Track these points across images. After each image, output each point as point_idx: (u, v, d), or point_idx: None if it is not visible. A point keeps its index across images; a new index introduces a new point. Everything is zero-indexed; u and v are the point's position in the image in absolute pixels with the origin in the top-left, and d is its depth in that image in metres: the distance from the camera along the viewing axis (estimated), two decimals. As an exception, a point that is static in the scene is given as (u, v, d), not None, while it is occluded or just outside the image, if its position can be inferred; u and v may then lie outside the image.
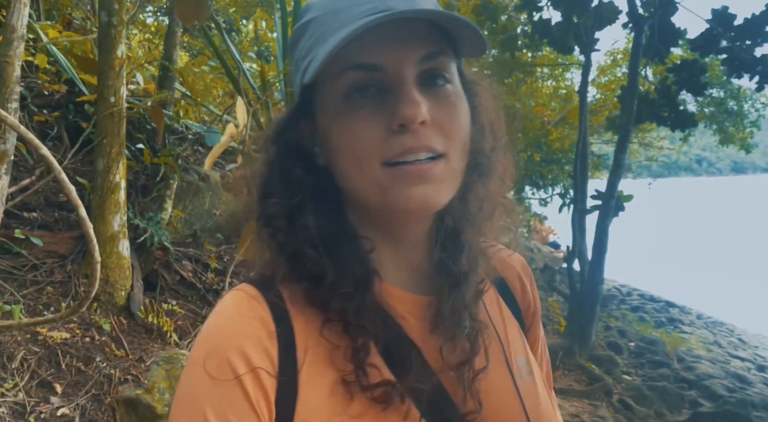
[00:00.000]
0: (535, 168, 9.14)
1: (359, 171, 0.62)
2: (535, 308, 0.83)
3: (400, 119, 0.59)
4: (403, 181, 0.60)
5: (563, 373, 5.35)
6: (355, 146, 0.61)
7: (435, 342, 0.68)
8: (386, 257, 0.69)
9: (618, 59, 12.31)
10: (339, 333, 0.63)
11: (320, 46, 0.61)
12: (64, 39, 3.76)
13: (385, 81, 0.61)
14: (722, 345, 9.03)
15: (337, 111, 0.62)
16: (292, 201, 0.67)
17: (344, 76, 0.61)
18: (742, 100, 12.42)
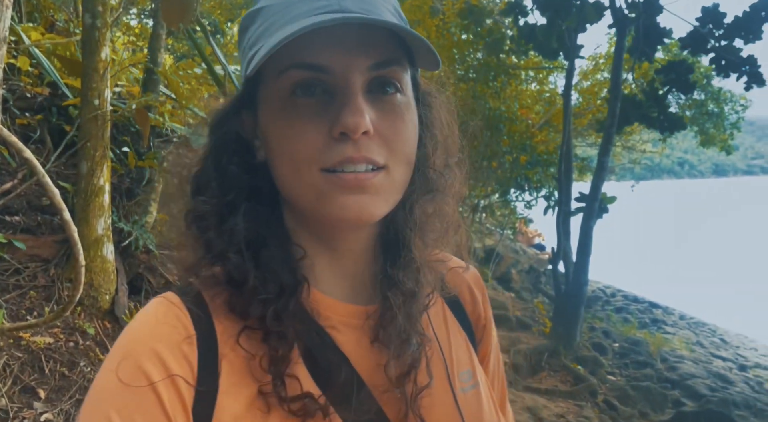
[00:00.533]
0: (521, 170, 9.19)
1: (296, 174, 0.59)
2: (486, 321, 0.80)
3: (342, 126, 0.57)
4: (339, 189, 0.58)
5: (548, 374, 5.39)
6: (295, 148, 0.59)
7: (373, 355, 0.65)
8: (322, 266, 0.67)
9: (600, 64, 12.44)
10: (258, 341, 0.60)
11: (267, 39, 0.58)
12: (47, 41, 3.72)
13: (332, 84, 0.59)
14: (704, 345, 9.14)
15: (278, 109, 0.60)
16: (225, 199, 0.64)
17: (289, 74, 0.58)
18: (723, 102, 12.61)
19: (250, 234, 0.63)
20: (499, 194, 10.61)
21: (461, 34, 8.90)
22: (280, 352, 0.59)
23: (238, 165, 0.65)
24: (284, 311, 0.60)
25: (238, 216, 0.63)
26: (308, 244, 0.66)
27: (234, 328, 0.61)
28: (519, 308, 7.28)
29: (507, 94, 9.77)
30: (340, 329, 0.65)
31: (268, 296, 0.60)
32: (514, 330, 6.08)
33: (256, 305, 0.60)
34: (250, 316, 0.60)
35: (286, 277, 0.62)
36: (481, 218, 11.71)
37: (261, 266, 0.61)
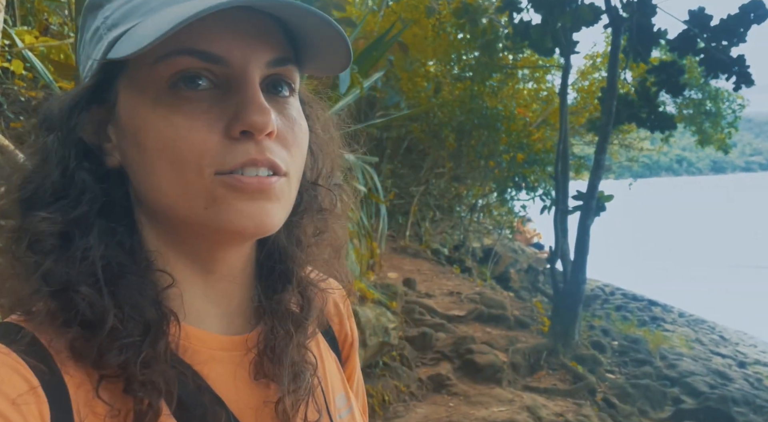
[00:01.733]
0: (518, 169, 9.21)
1: (182, 178, 0.50)
2: (352, 339, 0.75)
3: (247, 125, 0.49)
4: (239, 193, 0.50)
5: (547, 373, 5.39)
6: (180, 150, 0.49)
7: (254, 391, 0.58)
8: (192, 293, 0.57)
9: (597, 63, 12.46)
10: (117, 393, 0.49)
11: (141, 18, 0.50)
12: (41, 44, 3.72)
13: (226, 77, 0.51)
14: (704, 343, 9.15)
15: (154, 102, 0.50)
16: (71, 215, 0.51)
17: (173, 62, 0.49)
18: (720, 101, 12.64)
19: (106, 259, 0.51)
20: (497, 193, 10.63)
21: (457, 34, 8.90)
22: (147, 405, 0.49)
23: (88, 171, 0.53)
24: (153, 356, 0.50)
25: (90, 236, 0.51)
26: (176, 268, 0.56)
27: (88, 378, 0.49)
28: (517, 307, 7.28)
29: (504, 93, 9.79)
30: (214, 365, 0.56)
31: (130, 340, 0.49)
32: (512, 329, 6.07)
33: (115, 351, 0.49)
34: (108, 364, 0.49)
35: (150, 313, 0.51)
36: (479, 217, 11.72)
37: (119, 301, 0.50)
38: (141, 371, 0.49)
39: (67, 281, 0.49)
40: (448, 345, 5.12)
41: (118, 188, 0.55)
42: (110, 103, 0.54)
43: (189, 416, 0.52)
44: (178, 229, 0.55)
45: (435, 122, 8.90)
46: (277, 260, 0.62)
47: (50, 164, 0.52)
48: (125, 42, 0.49)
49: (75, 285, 0.49)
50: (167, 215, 0.54)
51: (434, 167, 9.84)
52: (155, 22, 0.48)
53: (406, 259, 8.00)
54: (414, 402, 4.23)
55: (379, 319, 4.44)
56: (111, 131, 0.54)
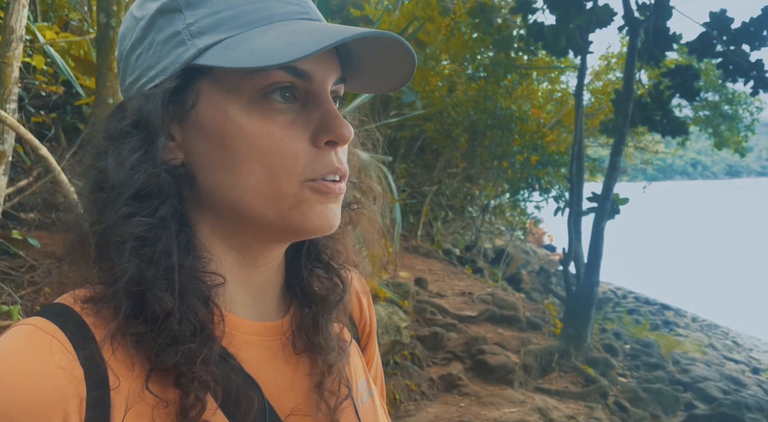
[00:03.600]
0: (531, 170, 9.16)
1: (273, 182, 0.54)
2: (371, 328, 0.79)
3: (336, 136, 0.55)
4: (322, 197, 0.56)
5: (559, 375, 5.37)
6: (276, 155, 0.54)
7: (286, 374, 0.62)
8: (233, 284, 0.60)
9: (612, 64, 12.37)
10: (167, 385, 0.52)
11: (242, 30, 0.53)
12: (62, 40, 3.76)
13: (307, 91, 0.56)
14: (717, 348, 9.08)
15: (248, 109, 0.54)
16: (157, 216, 0.53)
17: (269, 74, 0.53)
18: (737, 104, 12.51)
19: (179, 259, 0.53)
20: (510, 194, 10.59)
21: (471, 33, 8.88)
22: (194, 399, 0.52)
23: (167, 171, 0.55)
24: (203, 353, 0.53)
25: (171, 236, 0.53)
26: (223, 262, 0.59)
27: (138, 372, 0.52)
28: (529, 308, 7.25)
29: (518, 94, 9.75)
30: (248, 350, 0.60)
31: (185, 343, 0.52)
32: (524, 330, 6.05)
33: (171, 352, 0.51)
34: (163, 362, 0.52)
35: (202, 313, 0.54)
36: (491, 218, 11.69)
37: (182, 299, 0.53)
38: (191, 369, 0.52)
39: (146, 283, 0.52)
40: (459, 345, 5.11)
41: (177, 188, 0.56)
42: (184, 103, 0.55)
43: (228, 403, 0.55)
44: (242, 226, 0.58)
45: (448, 121, 8.89)
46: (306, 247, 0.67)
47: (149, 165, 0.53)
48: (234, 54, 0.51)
49: (152, 288, 0.52)
50: (237, 213, 0.57)
51: (447, 167, 9.83)
52: (274, 40, 0.51)
53: (417, 258, 7.99)
54: (425, 401, 4.23)
55: (391, 318, 4.45)
56: (176, 131, 0.56)
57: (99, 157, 0.56)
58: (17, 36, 2.44)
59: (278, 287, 0.66)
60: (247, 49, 0.51)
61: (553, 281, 11.07)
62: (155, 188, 0.53)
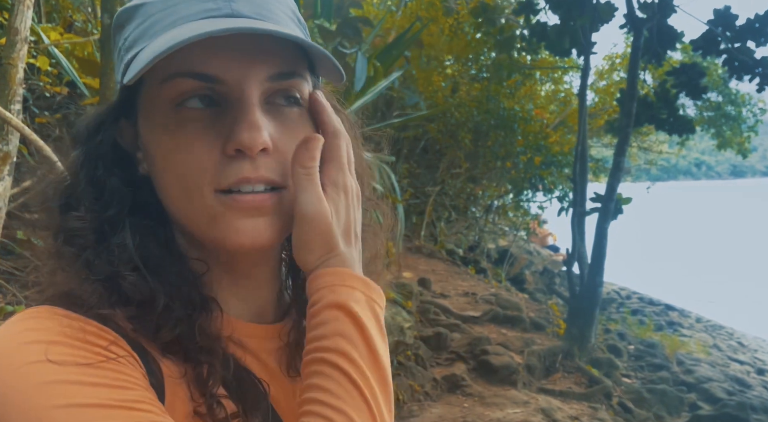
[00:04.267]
0: (535, 171, 9.15)
1: (186, 196, 0.54)
2: None
3: (238, 143, 0.52)
4: (235, 212, 0.53)
5: (563, 375, 5.36)
6: (183, 168, 0.53)
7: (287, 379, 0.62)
8: (222, 285, 0.60)
9: (616, 64, 12.35)
10: (179, 362, 0.54)
11: (149, 41, 0.53)
12: (66, 41, 3.77)
13: (224, 95, 0.54)
14: (721, 349, 9.04)
15: (161, 121, 0.54)
16: (105, 215, 0.55)
17: (175, 83, 0.52)
18: (740, 104, 12.48)
19: (143, 251, 0.55)
20: (513, 194, 10.57)
21: (475, 34, 8.88)
22: (207, 369, 0.54)
23: (118, 177, 0.57)
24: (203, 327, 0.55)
25: (123, 232, 0.55)
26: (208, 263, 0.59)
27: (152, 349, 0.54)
28: (533, 309, 7.24)
29: (521, 94, 9.74)
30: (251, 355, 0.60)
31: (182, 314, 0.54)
32: (527, 331, 6.04)
33: (171, 325, 0.53)
34: (165, 337, 0.53)
35: (193, 294, 0.56)
36: (495, 218, 11.67)
37: (164, 284, 0.54)
38: (196, 340, 0.54)
39: (112, 270, 0.53)
40: (462, 346, 5.10)
41: (151, 192, 0.58)
42: (134, 118, 0.58)
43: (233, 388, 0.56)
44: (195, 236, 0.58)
45: (452, 122, 8.88)
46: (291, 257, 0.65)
47: (83, 172, 0.57)
48: (132, 66, 0.52)
49: (120, 272, 0.53)
50: (181, 228, 0.58)
51: (450, 168, 9.82)
52: (154, 48, 0.50)
53: (421, 259, 7.99)
54: (428, 401, 4.22)
55: (394, 318, 4.45)
56: (140, 143, 0.59)
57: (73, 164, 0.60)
58: (22, 37, 2.44)
59: (272, 296, 0.65)
60: (138, 61, 0.51)
61: (557, 281, 11.04)
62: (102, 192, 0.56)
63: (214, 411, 0.53)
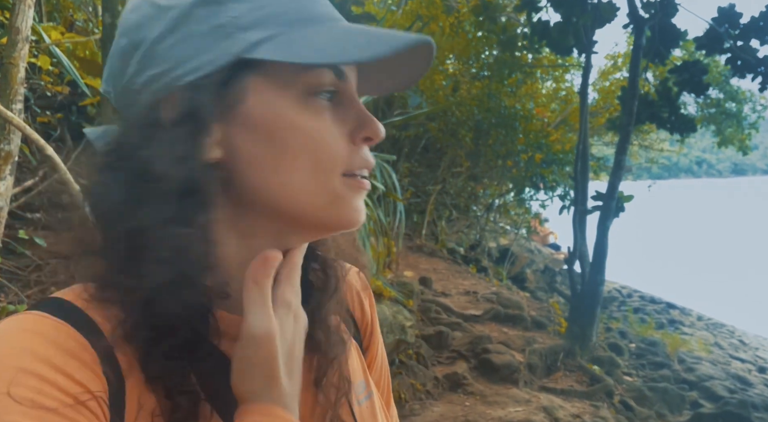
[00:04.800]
0: (536, 169, 9.15)
1: (317, 177, 0.55)
2: (372, 328, 0.78)
3: (371, 133, 0.58)
4: (356, 192, 0.58)
5: (564, 374, 5.36)
6: (324, 151, 0.55)
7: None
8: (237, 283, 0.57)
9: (619, 63, 12.33)
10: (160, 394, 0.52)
11: (286, 29, 0.53)
12: (67, 41, 3.77)
13: (341, 92, 0.58)
14: (723, 347, 9.04)
15: (300, 105, 0.54)
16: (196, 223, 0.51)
17: (319, 72, 0.55)
18: (741, 101, 12.46)
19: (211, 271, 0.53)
20: (514, 193, 10.57)
21: (476, 32, 8.87)
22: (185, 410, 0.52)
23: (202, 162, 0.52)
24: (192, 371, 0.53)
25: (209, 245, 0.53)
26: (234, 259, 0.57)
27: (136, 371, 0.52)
28: (534, 307, 7.24)
29: (522, 93, 9.73)
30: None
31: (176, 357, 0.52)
32: (529, 329, 6.04)
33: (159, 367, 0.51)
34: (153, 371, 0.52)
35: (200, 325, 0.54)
36: (496, 217, 11.67)
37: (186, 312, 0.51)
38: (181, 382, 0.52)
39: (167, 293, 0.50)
40: (464, 345, 5.11)
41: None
42: (231, 99, 0.53)
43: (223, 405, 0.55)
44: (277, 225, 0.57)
45: (452, 120, 8.88)
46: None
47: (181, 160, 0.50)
48: (297, 47, 0.52)
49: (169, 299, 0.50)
50: (277, 210, 0.55)
51: (451, 166, 9.82)
52: (333, 38, 0.53)
53: (422, 258, 7.99)
54: (430, 400, 4.22)
55: (395, 317, 4.45)
56: (216, 127, 0.53)
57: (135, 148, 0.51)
58: (23, 37, 2.44)
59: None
60: (308, 46, 0.52)
61: (558, 280, 11.04)
62: (199, 185, 0.51)
63: None
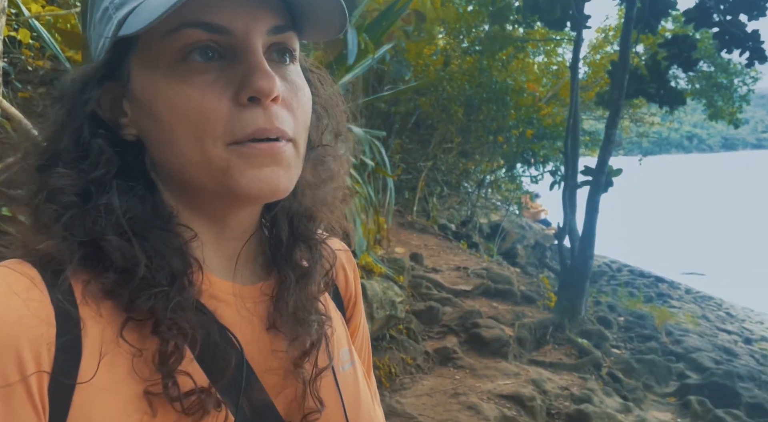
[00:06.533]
0: (527, 145, 9.13)
1: (198, 147, 0.53)
2: (356, 299, 0.78)
3: (254, 90, 0.52)
4: (253, 160, 0.53)
5: (553, 347, 5.42)
6: (195, 119, 0.52)
7: (266, 338, 0.61)
8: (209, 247, 0.60)
9: (610, 36, 12.25)
10: (144, 335, 0.52)
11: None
12: (47, 14, 3.68)
13: (231, 47, 0.53)
14: (710, 319, 9.17)
15: (166, 75, 0.52)
16: (90, 175, 0.54)
17: (182, 34, 0.51)
18: (732, 74, 12.42)
19: (129, 214, 0.54)
20: (506, 169, 10.56)
21: (466, 6, 8.76)
22: (173, 347, 0.52)
23: (104, 139, 0.55)
24: (181, 301, 0.53)
25: (110, 193, 0.54)
26: (194, 224, 0.58)
27: (111, 320, 0.52)
28: (524, 282, 7.29)
29: (514, 67, 9.66)
30: (227, 310, 0.59)
31: (159, 287, 0.52)
32: (519, 304, 6.09)
33: (145, 297, 0.52)
34: (138, 308, 0.52)
35: (176, 262, 0.54)
36: (487, 193, 11.68)
37: (148, 251, 0.53)
38: (169, 315, 0.52)
39: (96, 232, 0.52)
40: (454, 319, 5.14)
41: (135, 157, 0.58)
42: (123, 79, 0.56)
43: (206, 356, 0.55)
44: (195, 194, 0.58)
45: (443, 96, 8.81)
46: (285, 219, 0.65)
47: (65, 134, 0.55)
48: (133, 19, 0.51)
49: (104, 235, 0.52)
50: (185, 183, 0.56)
51: (442, 142, 9.78)
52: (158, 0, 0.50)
53: (413, 234, 8.00)
54: (420, 374, 4.26)
55: (386, 293, 4.46)
56: (126, 106, 0.57)
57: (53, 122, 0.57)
58: (0, 9, 2.38)
59: (256, 256, 0.65)
60: (143, 13, 0.50)
61: (548, 255, 11.11)
62: (84, 151, 0.55)
63: (169, 390, 0.51)
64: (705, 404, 4.79)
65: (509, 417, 3.67)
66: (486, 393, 3.98)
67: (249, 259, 0.64)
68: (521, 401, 3.88)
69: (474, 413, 3.64)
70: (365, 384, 0.71)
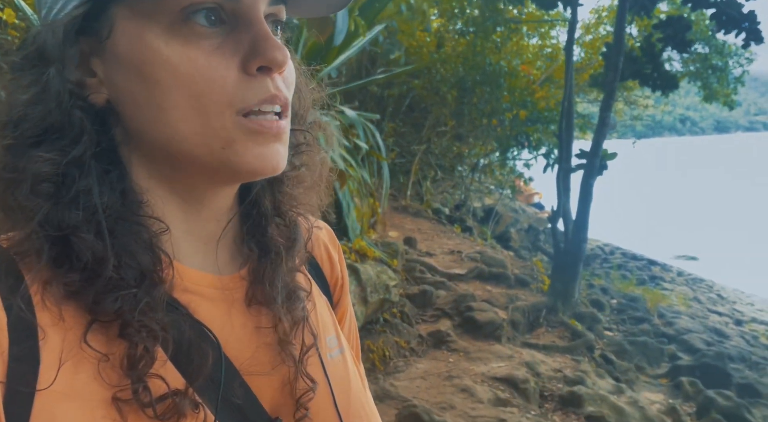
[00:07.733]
0: (521, 128, 9.09)
1: (200, 116, 0.49)
2: (343, 281, 0.75)
3: (266, 60, 0.49)
4: (258, 137, 0.50)
5: (546, 330, 5.44)
6: (200, 85, 0.48)
7: (245, 330, 0.58)
8: (179, 232, 0.55)
9: (603, 17, 12.15)
10: (110, 337, 0.48)
11: None
12: (32, -6, 3.60)
13: (235, 13, 0.50)
14: (701, 301, 9.25)
15: (168, 35, 0.48)
16: (70, 156, 0.48)
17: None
18: (727, 56, 12.38)
19: (103, 202, 0.49)
20: (499, 152, 10.54)
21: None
22: (142, 350, 0.48)
23: (81, 109, 0.49)
24: (150, 302, 0.49)
25: (90, 179, 0.48)
26: (165, 208, 0.54)
27: (73, 323, 0.48)
28: (518, 266, 7.30)
29: (508, 49, 9.59)
30: (204, 303, 0.55)
31: (127, 289, 0.48)
32: (512, 287, 6.10)
33: (111, 299, 0.47)
34: (104, 311, 0.48)
35: (145, 259, 0.50)
36: (481, 177, 11.66)
37: (117, 248, 0.48)
38: (137, 317, 0.48)
39: (69, 226, 0.47)
40: (448, 303, 5.15)
41: (101, 128, 0.51)
42: (101, 34, 0.50)
43: (181, 355, 0.51)
44: (178, 167, 0.53)
45: (437, 78, 8.75)
46: (261, 197, 0.62)
47: (47, 100, 0.48)
48: None
49: (77, 230, 0.47)
50: (171, 156, 0.52)
51: (436, 126, 9.73)
52: None
53: (407, 218, 7.99)
54: (414, 357, 4.27)
55: (380, 276, 4.45)
56: (96, 65, 0.51)
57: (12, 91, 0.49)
58: (-20, -12, 2.32)
59: (231, 238, 0.61)
60: None
61: (542, 238, 11.15)
62: (64, 125, 0.48)
63: (139, 396, 0.47)
64: (696, 385, 4.84)
65: (503, 399, 3.69)
66: (480, 376, 4.00)
67: (229, 243, 0.61)
68: (515, 383, 3.90)
69: (468, 395, 3.65)
70: (355, 371, 0.69)
